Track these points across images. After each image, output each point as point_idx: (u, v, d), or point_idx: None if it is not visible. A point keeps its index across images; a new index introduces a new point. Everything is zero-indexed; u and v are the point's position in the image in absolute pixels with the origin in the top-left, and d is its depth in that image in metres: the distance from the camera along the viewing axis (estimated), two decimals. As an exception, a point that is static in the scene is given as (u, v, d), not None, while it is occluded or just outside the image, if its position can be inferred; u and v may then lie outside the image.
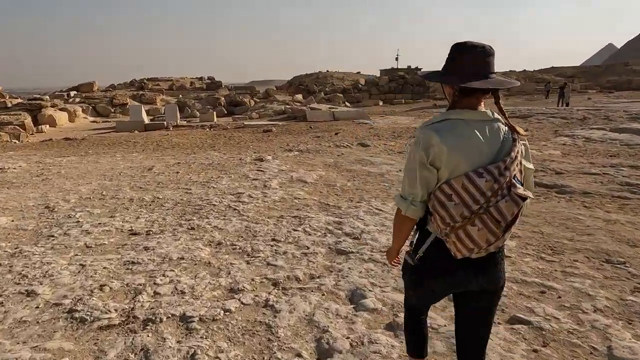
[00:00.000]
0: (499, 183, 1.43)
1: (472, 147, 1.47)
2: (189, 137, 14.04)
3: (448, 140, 1.46)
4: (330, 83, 40.40)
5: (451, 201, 1.45)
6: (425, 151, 1.48)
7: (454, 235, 1.47)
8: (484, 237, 1.45)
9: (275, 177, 7.25)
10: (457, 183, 1.45)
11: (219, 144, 12.20)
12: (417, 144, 1.52)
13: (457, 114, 1.51)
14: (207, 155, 9.98)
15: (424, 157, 1.48)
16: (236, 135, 14.26)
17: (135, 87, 35.55)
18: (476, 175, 1.43)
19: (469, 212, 1.44)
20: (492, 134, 1.50)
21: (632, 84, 42.02)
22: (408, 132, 14.01)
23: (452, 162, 1.47)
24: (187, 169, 8.18)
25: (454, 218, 1.45)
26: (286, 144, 11.54)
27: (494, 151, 1.49)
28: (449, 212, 1.46)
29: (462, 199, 1.44)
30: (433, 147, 1.47)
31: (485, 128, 1.50)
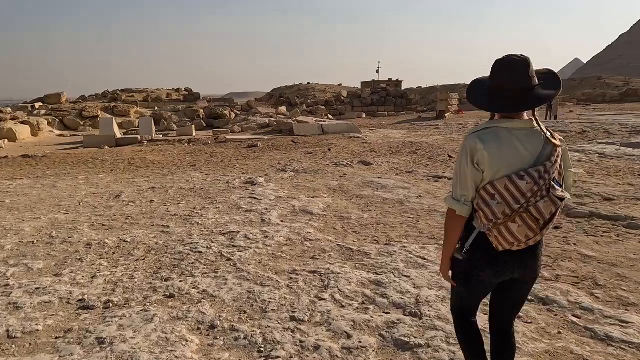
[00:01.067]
0: (538, 185, 1.56)
1: (513, 152, 1.59)
2: (166, 153, 12.48)
3: (490, 146, 1.59)
4: (312, 95, 39.27)
5: (494, 200, 1.58)
6: (472, 156, 1.62)
7: (496, 231, 1.60)
8: (523, 233, 1.58)
9: (273, 208, 5.87)
10: (500, 184, 1.58)
11: (200, 161, 10.72)
12: (463, 149, 1.65)
13: (499, 123, 1.64)
14: (188, 176, 8.50)
15: (470, 161, 1.62)
16: (219, 152, 12.79)
17: (108, 98, 33.51)
18: (518, 178, 1.56)
19: (510, 210, 1.57)
20: (533, 140, 1.62)
21: (607, 96, 42.54)
22: (405, 148, 12.86)
23: (494, 165, 1.59)
24: (163, 196, 6.70)
25: (497, 215, 1.58)
26: (277, 162, 10.16)
27: (534, 156, 1.60)
28: (492, 210, 1.59)
29: (505, 198, 1.57)
30: (477, 152, 1.60)
31: (526, 135, 1.62)
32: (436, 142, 14.19)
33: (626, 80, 47.06)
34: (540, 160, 1.59)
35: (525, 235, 1.58)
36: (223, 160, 10.85)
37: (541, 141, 1.62)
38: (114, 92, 34.87)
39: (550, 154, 1.60)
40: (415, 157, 10.89)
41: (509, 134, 1.60)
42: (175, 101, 33.45)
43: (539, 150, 1.60)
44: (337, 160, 10.21)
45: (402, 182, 7.58)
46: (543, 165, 1.57)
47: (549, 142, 1.62)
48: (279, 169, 9.10)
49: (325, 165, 9.53)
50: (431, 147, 12.81)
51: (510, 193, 1.56)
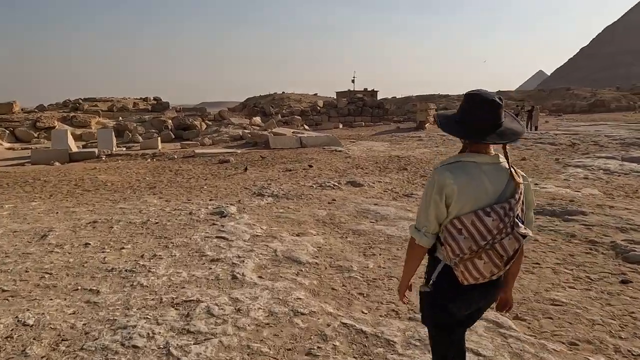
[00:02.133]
0: (504, 222, 1.57)
1: (481, 187, 1.60)
2: (123, 172, 10.79)
3: (459, 180, 1.59)
4: (287, 105, 37.86)
5: (461, 235, 1.57)
6: (440, 189, 1.61)
7: (462, 266, 1.58)
8: (488, 269, 1.59)
9: (248, 254, 4.40)
10: (467, 219, 1.57)
11: (162, 182, 9.12)
12: (432, 181, 1.65)
13: (469, 157, 1.65)
14: (143, 204, 6.92)
15: (437, 195, 1.61)
16: (185, 169, 11.19)
17: (69, 108, 31.12)
18: (484, 214, 1.56)
19: (476, 246, 1.56)
20: (499, 175, 1.64)
21: (576, 107, 43.06)
22: (393, 163, 11.63)
23: (462, 199, 1.59)
24: (104, 236, 5.13)
25: (463, 250, 1.57)
26: (252, 183, 8.69)
27: (499, 191, 1.62)
28: (458, 245, 1.58)
29: (471, 234, 1.57)
30: (447, 186, 1.59)
31: (493, 170, 1.64)
32: (424, 156, 13.05)
33: (593, 92, 47.94)
34: (504, 196, 1.61)
35: (490, 271, 1.59)
36: (189, 181, 9.28)
37: (506, 177, 1.64)
38: (76, 101, 32.50)
39: (514, 191, 1.62)
40: (407, 175, 9.64)
41: (478, 168, 1.62)
42: (142, 111, 31.39)
43: (504, 186, 1.63)
44: (322, 179, 8.83)
45: (404, 211, 6.25)
46: (508, 202, 1.59)
47: (513, 179, 1.64)
48: (254, 193, 7.63)
49: (308, 187, 8.12)
50: (420, 162, 11.63)
51: (477, 229, 1.56)
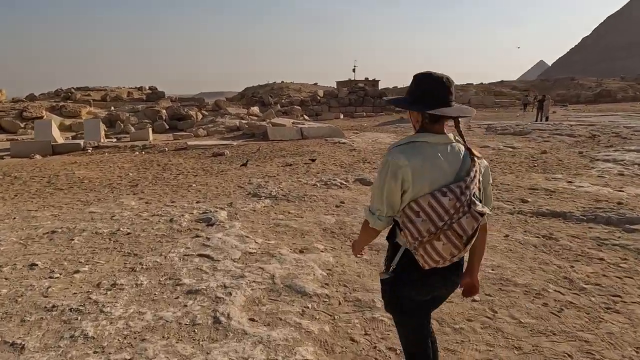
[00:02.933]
0: (460, 201, 1.51)
1: (436, 168, 1.54)
2: (106, 166, 9.70)
3: (414, 161, 1.53)
4: (286, 94, 36.62)
5: (419, 217, 1.52)
6: (394, 172, 1.54)
7: (422, 249, 1.54)
8: (448, 251, 1.53)
9: (237, 281, 3.34)
10: (424, 201, 1.52)
11: (146, 179, 8.04)
12: (385, 164, 1.57)
13: (422, 137, 1.58)
14: (118, 206, 5.85)
15: (392, 179, 1.54)
16: (174, 163, 10.10)
17: (61, 97, 29.90)
18: (441, 194, 1.51)
19: (434, 227, 1.51)
20: (453, 155, 1.58)
21: (581, 97, 41.91)
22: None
23: (418, 181, 1.53)
24: (59, 253, 4.07)
25: (422, 233, 1.52)
26: (247, 180, 7.61)
27: (455, 170, 1.57)
28: (417, 228, 1.53)
29: (429, 215, 1.51)
30: (401, 168, 1.53)
31: (447, 149, 1.58)
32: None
33: (598, 82, 46.68)
34: (460, 175, 1.57)
35: (450, 252, 1.54)
36: (177, 177, 8.20)
37: (461, 156, 1.60)
38: (68, 90, 31.27)
39: (469, 169, 1.58)
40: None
41: (431, 148, 1.56)
42: (137, 100, 30.17)
43: (459, 165, 1.58)
44: (326, 176, 7.75)
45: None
46: (463, 180, 1.54)
47: (469, 157, 1.60)
48: (249, 193, 6.56)
49: (312, 185, 7.05)
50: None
51: (434, 210, 1.51)
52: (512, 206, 5.76)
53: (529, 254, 4.02)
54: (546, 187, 6.91)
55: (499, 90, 39.99)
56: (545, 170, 8.66)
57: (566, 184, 7.20)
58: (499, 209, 5.60)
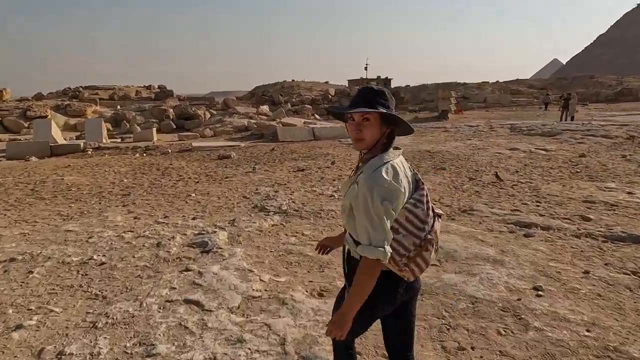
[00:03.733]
0: (429, 209, 1.55)
1: (407, 183, 1.53)
2: (101, 170, 8.80)
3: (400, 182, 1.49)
4: (297, 93, 35.65)
5: (399, 234, 1.48)
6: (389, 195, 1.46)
7: (412, 264, 1.51)
8: (433, 257, 1.57)
9: (234, 349, 2.35)
10: (401, 217, 1.49)
11: (141, 187, 7.11)
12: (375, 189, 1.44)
13: (392, 156, 1.54)
14: (100, 223, 4.90)
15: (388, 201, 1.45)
16: (176, 167, 9.18)
17: (69, 96, 29.33)
18: (413, 207, 1.51)
19: (419, 239, 1.51)
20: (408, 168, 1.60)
21: (600, 95, 40.28)
22: (426, 160, 9.52)
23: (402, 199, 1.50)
24: (9, 293, 3.10)
25: (408, 248, 1.49)
26: (254, 189, 6.63)
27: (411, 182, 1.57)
28: (401, 244, 1.48)
29: (408, 229, 1.49)
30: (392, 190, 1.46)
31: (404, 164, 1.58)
32: (459, 150, 10.88)
33: (619, 80, 44.88)
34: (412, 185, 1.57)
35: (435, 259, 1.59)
36: (176, 185, 7.25)
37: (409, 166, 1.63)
38: (76, 89, 30.69)
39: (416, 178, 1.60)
40: (449, 177, 7.51)
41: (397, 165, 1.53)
42: (145, 99, 29.46)
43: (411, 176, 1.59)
44: (344, 184, 6.75)
45: (475, 241, 4.15)
46: (421, 189, 1.56)
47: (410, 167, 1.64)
48: (255, 206, 5.57)
49: (328, 196, 6.03)
50: (459, 159, 9.47)
51: (412, 223, 1.50)
52: (575, 226, 4.68)
53: (628, 302, 2.97)
54: (604, 200, 5.81)
55: (516, 88, 38.53)
56: (592, 177, 7.53)
57: (626, 195, 6.09)
58: (559, 230, 4.54)
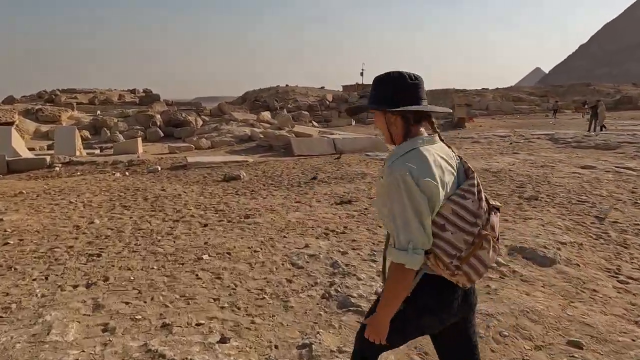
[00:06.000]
0: (481, 200, 1.31)
1: (443, 173, 1.30)
2: (64, 201, 6.18)
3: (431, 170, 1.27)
4: (292, 99, 33.17)
5: (446, 231, 1.26)
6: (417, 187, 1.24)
7: (466, 266, 1.26)
8: (493, 258, 1.32)
9: None
10: (446, 211, 1.27)
11: (120, 237, 4.51)
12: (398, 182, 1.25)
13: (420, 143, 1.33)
14: (30, 354, 2.41)
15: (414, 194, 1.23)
16: (170, 193, 6.63)
17: (44, 100, 26.26)
18: (460, 198, 1.28)
19: (470, 236, 1.27)
20: (449, 156, 1.37)
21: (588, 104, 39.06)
22: (496, 182, 7.24)
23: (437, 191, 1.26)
24: None
25: (458, 247, 1.26)
26: (301, 243, 4.16)
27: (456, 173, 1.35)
28: (450, 243, 1.25)
29: (457, 225, 1.26)
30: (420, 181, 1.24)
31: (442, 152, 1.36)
32: (521, 168, 8.63)
33: (616, 88, 43.85)
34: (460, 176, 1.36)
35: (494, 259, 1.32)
36: (173, 231, 4.67)
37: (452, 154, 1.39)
38: (52, 92, 27.62)
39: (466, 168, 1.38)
40: (568, 216, 5.18)
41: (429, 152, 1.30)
42: (129, 104, 26.59)
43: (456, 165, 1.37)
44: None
45: None
46: (471, 179, 1.33)
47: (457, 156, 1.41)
48: (325, 296, 3.03)
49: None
50: (537, 183, 7.19)
51: (461, 217, 1.26)
52: None
53: None
54: None
55: (517, 95, 36.90)
56: None
57: None
58: None
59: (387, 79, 1.36)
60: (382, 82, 1.36)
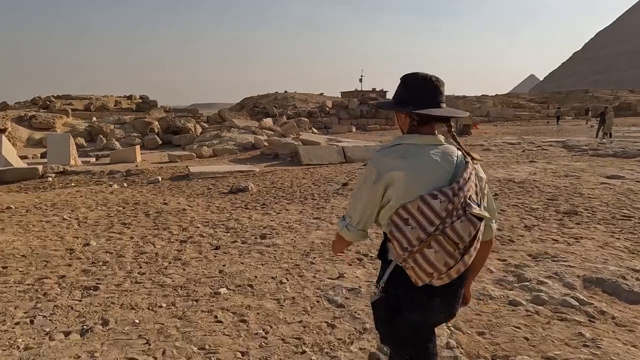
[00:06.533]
0: (453, 203, 1.29)
1: (426, 170, 1.35)
2: (56, 218, 5.52)
3: (400, 165, 1.34)
4: (292, 105, 32.59)
5: (408, 225, 1.31)
6: (376, 178, 1.35)
7: (411, 261, 1.31)
8: (442, 260, 1.29)
9: None
10: (412, 206, 1.31)
11: (120, 263, 3.88)
12: (369, 167, 1.38)
13: (409, 139, 1.40)
14: None
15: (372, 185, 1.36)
16: (173, 208, 6.01)
17: (38, 106, 25.55)
18: (431, 197, 1.30)
19: (424, 234, 1.29)
20: (445, 157, 1.38)
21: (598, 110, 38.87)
22: (526, 195, 6.70)
23: (407, 186, 1.33)
24: None
25: (411, 242, 1.30)
26: (334, 273, 3.57)
27: (448, 174, 1.36)
28: (406, 237, 1.31)
29: (418, 221, 1.30)
30: (385, 174, 1.34)
31: (437, 152, 1.39)
32: (544, 178, 8.10)
33: (614, 94, 43.77)
34: (454, 179, 1.35)
35: (445, 262, 1.28)
36: (180, 255, 4.05)
37: (454, 158, 1.39)
38: (47, 98, 26.92)
39: (464, 171, 1.36)
40: (621, 236, 4.62)
41: (420, 150, 1.37)
42: (125, 110, 25.95)
43: (452, 169, 1.37)
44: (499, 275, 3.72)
45: None
46: (456, 182, 1.32)
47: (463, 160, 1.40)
48: None
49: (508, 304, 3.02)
50: (569, 195, 6.66)
51: (424, 215, 1.29)
52: None
53: None
54: None
55: (517, 102, 36.57)
56: None
57: None
58: None
59: (404, 80, 1.43)
60: (401, 82, 1.44)
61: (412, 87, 1.40)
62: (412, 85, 1.41)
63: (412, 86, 1.41)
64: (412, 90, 1.40)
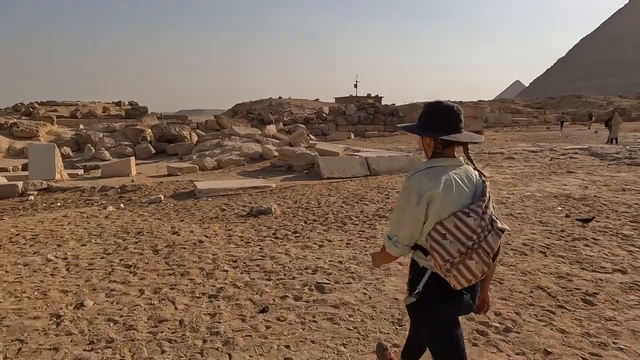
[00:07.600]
0: (484, 220, 1.50)
1: (456, 190, 1.53)
2: (37, 261, 4.20)
3: (437, 185, 1.50)
4: (287, 111, 31.35)
5: (446, 239, 1.48)
6: (418, 197, 1.50)
7: (455, 270, 1.48)
8: (480, 269, 1.50)
9: None
10: (449, 223, 1.49)
11: (131, 342, 2.64)
12: (408, 190, 1.54)
13: (439, 162, 1.58)
14: None
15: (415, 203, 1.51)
16: (187, 239, 4.75)
17: (21, 113, 23.88)
18: (464, 215, 1.49)
19: (464, 247, 1.48)
20: (468, 177, 1.58)
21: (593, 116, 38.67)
22: (618, 217, 5.63)
23: (442, 204, 1.50)
24: None
25: (452, 254, 1.48)
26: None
27: (472, 192, 1.56)
28: (446, 250, 1.48)
29: (456, 236, 1.48)
30: (425, 192, 1.50)
31: (461, 172, 1.58)
32: (602, 192, 7.09)
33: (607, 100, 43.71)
34: (476, 196, 1.56)
35: (482, 270, 1.51)
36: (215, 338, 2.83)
37: (474, 178, 1.60)
38: (30, 104, 25.25)
39: (484, 190, 1.58)
40: None
41: (449, 172, 1.56)
42: (114, 117, 24.43)
43: (474, 187, 1.58)
44: None
45: None
46: (482, 200, 1.54)
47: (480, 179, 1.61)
48: None
49: None
50: (634, 210, 5.63)
51: (461, 230, 1.49)
52: None
53: None
54: None
55: (515, 108, 36.00)
56: None
57: None
58: None
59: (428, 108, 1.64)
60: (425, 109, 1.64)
61: (438, 116, 1.59)
62: (438, 114, 1.59)
63: (438, 115, 1.59)
64: (438, 118, 1.59)
